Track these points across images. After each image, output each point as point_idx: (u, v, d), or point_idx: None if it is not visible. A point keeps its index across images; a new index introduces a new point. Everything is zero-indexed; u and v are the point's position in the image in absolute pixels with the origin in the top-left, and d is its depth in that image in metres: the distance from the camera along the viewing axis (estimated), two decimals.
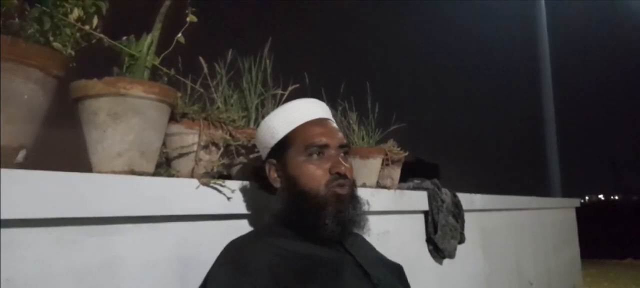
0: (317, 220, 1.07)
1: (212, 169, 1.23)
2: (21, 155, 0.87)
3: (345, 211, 1.09)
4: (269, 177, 1.18)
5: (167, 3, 1.07)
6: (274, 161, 1.17)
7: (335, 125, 1.20)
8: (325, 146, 1.11)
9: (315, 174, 1.10)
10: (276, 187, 1.17)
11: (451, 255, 2.30)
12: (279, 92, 1.50)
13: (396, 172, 2.08)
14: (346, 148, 1.15)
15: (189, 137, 1.21)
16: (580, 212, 5.98)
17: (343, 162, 1.11)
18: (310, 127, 1.14)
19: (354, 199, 1.13)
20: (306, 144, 1.11)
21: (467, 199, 2.61)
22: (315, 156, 1.11)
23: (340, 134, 1.16)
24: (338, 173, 1.09)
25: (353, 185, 1.14)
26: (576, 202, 5.88)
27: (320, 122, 1.16)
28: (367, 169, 1.91)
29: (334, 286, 1.04)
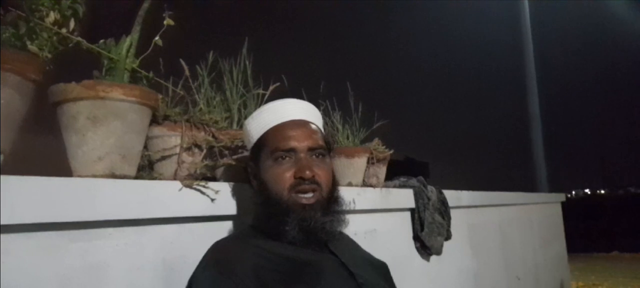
0: (279, 226, 1.06)
1: (196, 171, 1.22)
2: None
3: (311, 220, 1.06)
4: (249, 178, 1.19)
5: (146, 5, 1.07)
6: (252, 163, 1.17)
7: (313, 126, 1.17)
8: (292, 150, 1.09)
9: (279, 179, 1.08)
10: (254, 188, 1.18)
11: (438, 252, 2.32)
12: (260, 91, 1.50)
13: (382, 171, 2.08)
14: (319, 151, 1.12)
15: (171, 139, 1.20)
16: (567, 206, 6.05)
17: (311, 166, 1.09)
18: (281, 130, 1.12)
19: (328, 204, 1.10)
20: (272, 148, 1.10)
21: (453, 196, 2.63)
22: (282, 160, 1.09)
23: (316, 136, 1.14)
24: (302, 177, 1.07)
25: (329, 189, 1.12)
26: (562, 196, 5.94)
27: (294, 124, 1.14)
28: (352, 168, 1.91)
29: (319, 287, 1.04)
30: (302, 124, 1.15)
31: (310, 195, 1.08)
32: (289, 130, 1.12)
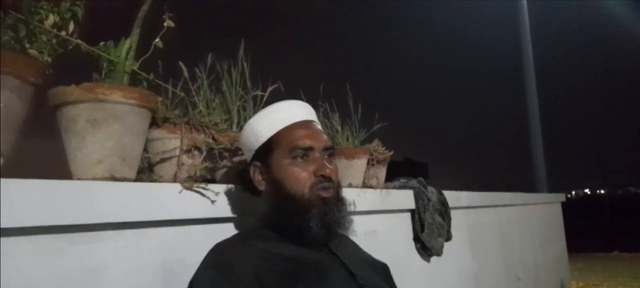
0: (302, 223, 1.08)
1: (195, 173, 1.22)
2: None
3: (330, 214, 1.09)
4: (253, 179, 1.18)
5: (145, 7, 1.07)
6: (259, 164, 1.17)
7: (319, 127, 1.21)
8: (310, 149, 1.11)
9: (300, 177, 1.10)
10: (261, 189, 1.18)
11: (438, 253, 2.32)
12: (259, 93, 1.50)
13: (382, 172, 2.08)
14: (331, 151, 1.16)
15: (170, 141, 1.20)
16: (566, 206, 6.05)
17: (328, 164, 1.12)
18: (295, 129, 1.14)
19: (339, 201, 1.14)
20: (291, 146, 1.11)
21: (453, 197, 2.63)
22: (299, 159, 1.11)
23: (325, 136, 1.17)
24: (323, 175, 1.10)
25: (338, 187, 1.15)
26: (562, 196, 5.94)
27: (305, 124, 1.16)
28: (352, 170, 1.91)
29: (320, 287, 1.04)
30: (312, 124, 1.19)
31: (330, 189, 1.11)
32: (304, 129, 1.14)
